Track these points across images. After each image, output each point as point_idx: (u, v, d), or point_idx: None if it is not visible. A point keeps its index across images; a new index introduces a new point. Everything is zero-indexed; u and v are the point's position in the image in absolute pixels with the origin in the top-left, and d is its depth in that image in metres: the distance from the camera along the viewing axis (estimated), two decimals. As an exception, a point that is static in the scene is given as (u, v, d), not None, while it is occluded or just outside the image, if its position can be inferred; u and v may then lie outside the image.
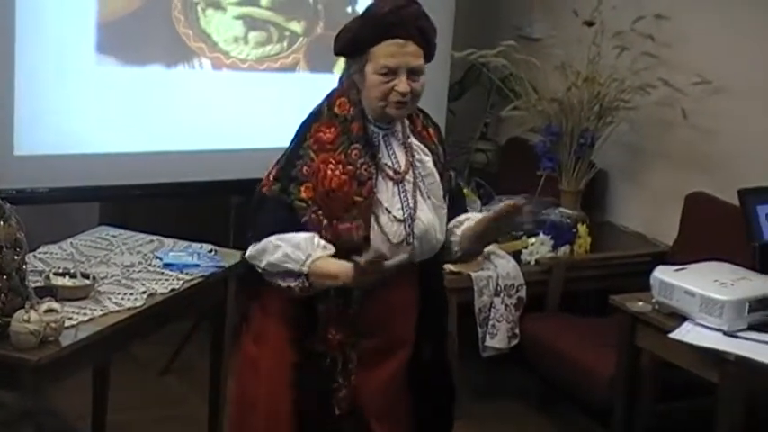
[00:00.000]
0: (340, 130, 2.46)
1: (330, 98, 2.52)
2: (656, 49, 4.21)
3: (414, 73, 2.45)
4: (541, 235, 4.13)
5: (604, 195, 4.62)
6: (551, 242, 4.11)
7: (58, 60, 3.90)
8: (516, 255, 4.06)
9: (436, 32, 2.52)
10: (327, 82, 2.62)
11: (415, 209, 2.51)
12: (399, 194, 2.50)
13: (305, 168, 2.44)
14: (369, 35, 2.44)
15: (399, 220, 2.48)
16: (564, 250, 4.12)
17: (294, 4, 4.35)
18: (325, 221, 2.43)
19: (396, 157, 2.52)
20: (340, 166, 2.44)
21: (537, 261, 4.07)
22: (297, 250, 2.38)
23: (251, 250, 2.45)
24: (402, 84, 2.43)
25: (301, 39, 4.36)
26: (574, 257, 4.13)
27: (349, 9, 4.46)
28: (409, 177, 2.52)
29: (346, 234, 2.43)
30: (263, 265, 2.43)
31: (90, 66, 3.98)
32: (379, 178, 2.48)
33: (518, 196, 4.35)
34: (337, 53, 2.55)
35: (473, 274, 3.87)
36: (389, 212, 2.48)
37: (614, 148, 4.40)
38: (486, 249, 3.89)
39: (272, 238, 2.41)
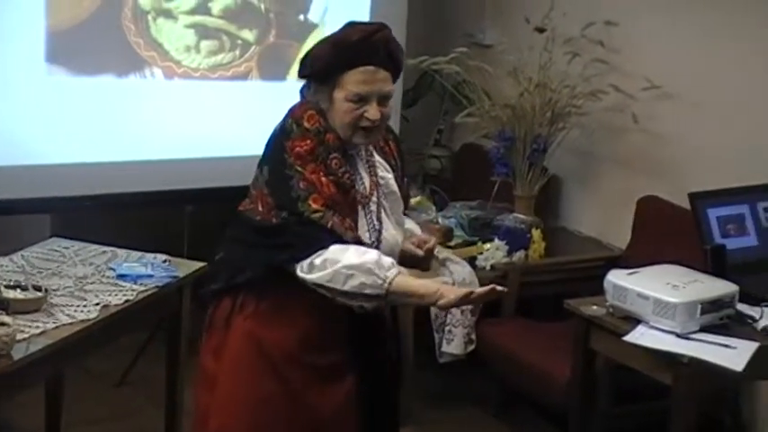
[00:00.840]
0: (316, 141, 2.41)
1: (294, 114, 2.46)
2: (607, 56, 4.24)
3: (384, 98, 2.44)
4: (496, 240, 4.15)
5: (558, 200, 4.65)
6: (506, 247, 4.12)
7: (8, 70, 3.86)
8: (471, 260, 4.07)
9: (404, 53, 2.51)
10: (280, 90, 2.62)
11: (380, 230, 2.50)
12: (365, 217, 2.49)
13: (301, 183, 2.38)
14: (340, 63, 2.41)
15: (366, 244, 2.44)
16: (519, 255, 4.14)
17: (246, 12, 4.33)
18: (347, 220, 2.40)
19: (360, 178, 2.51)
20: (324, 176, 2.41)
21: (492, 266, 4.07)
22: (371, 276, 2.33)
23: (310, 276, 2.35)
24: (373, 110, 2.42)
25: (254, 47, 4.35)
26: (529, 262, 4.15)
27: (301, 17, 4.46)
28: (374, 198, 2.51)
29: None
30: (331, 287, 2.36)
31: (40, 76, 3.94)
32: None
33: (474, 202, 4.41)
34: (303, 77, 2.51)
35: (429, 281, 3.87)
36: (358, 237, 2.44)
37: (567, 153, 4.42)
38: (442, 255, 3.92)
39: (340, 267, 2.33)
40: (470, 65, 4.30)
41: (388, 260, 2.36)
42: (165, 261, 3.28)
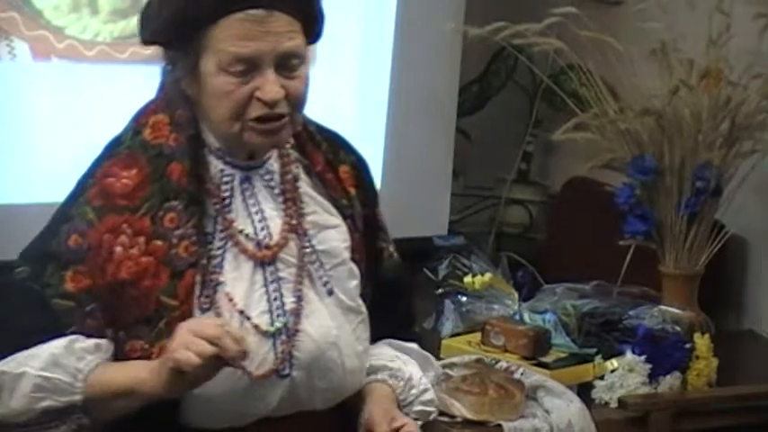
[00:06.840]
0: (148, 173, 2.53)
1: (140, 116, 2.61)
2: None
3: (287, 62, 2.51)
4: (629, 354, 4.14)
5: (742, 283, 4.74)
6: (647, 367, 4.11)
7: None
8: (585, 388, 4.08)
9: None
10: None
11: (298, 312, 2.57)
12: (266, 285, 2.57)
13: (75, 239, 2.50)
14: (204, 7, 2.49)
15: (264, 333, 2.55)
16: (670, 382, 4.13)
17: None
18: (109, 331, 2.49)
19: (263, 218, 2.61)
20: (142, 240, 2.50)
21: (622, 401, 4.06)
22: (56, 369, 2.45)
23: None
24: (270, 85, 2.49)
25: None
26: (688, 394, 4.16)
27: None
28: (289, 254, 2.60)
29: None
30: None
31: None
32: (229, 256, 2.55)
33: (587, 284, 4.31)
34: (148, 41, 2.59)
35: (506, 426, 3.84)
36: (246, 317, 2.53)
37: (758, 197, 4.49)
38: (530, 381, 3.96)
39: (5, 367, 2.46)
40: (582, 38, 4.33)
41: (91, 342, 2.48)
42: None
